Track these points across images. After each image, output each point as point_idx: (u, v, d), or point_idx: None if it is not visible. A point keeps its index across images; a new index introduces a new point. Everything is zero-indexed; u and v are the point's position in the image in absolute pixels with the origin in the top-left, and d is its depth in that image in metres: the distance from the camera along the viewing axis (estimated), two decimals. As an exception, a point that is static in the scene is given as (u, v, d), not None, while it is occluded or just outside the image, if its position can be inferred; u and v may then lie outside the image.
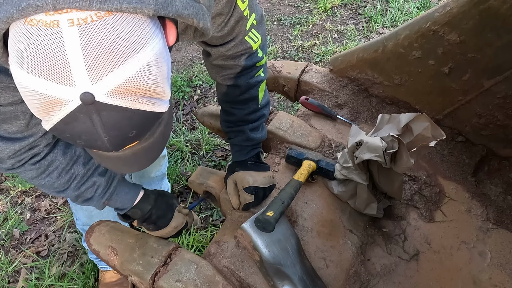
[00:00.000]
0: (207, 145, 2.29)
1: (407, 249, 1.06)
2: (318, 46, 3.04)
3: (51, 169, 0.84)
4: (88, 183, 0.90)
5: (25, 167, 0.81)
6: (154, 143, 0.61)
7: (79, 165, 0.88)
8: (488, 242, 1.07)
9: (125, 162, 0.62)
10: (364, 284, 0.98)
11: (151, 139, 0.59)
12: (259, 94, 1.06)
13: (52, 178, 0.85)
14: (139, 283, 0.91)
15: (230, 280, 0.93)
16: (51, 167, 0.84)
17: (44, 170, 0.83)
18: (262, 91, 1.07)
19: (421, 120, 0.91)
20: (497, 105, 1.12)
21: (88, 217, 1.42)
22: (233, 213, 1.07)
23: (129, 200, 0.96)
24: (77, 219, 1.51)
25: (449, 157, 1.25)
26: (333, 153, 1.22)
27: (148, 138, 0.59)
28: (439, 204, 1.15)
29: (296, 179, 1.05)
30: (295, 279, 0.90)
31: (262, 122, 1.12)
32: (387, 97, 1.34)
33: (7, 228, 1.90)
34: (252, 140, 1.09)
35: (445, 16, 1.01)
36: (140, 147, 0.59)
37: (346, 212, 1.10)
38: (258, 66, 1.02)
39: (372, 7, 3.45)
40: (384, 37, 1.20)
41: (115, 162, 0.62)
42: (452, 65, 1.11)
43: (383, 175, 1.05)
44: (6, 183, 2.13)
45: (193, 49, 3.14)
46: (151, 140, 0.60)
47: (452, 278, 1.00)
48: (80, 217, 1.46)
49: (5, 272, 1.73)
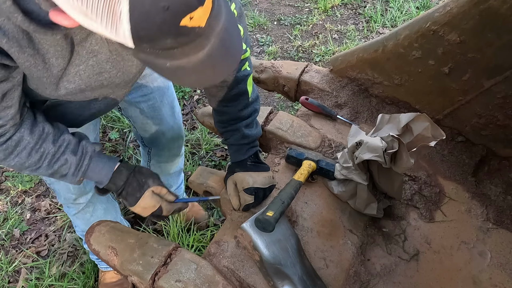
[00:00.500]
0: (207, 145, 2.29)
1: (407, 249, 1.06)
2: (318, 46, 3.04)
3: (19, 149, 0.83)
4: (60, 161, 0.88)
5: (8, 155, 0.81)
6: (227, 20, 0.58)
7: (48, 143, 0.86)
8: (488, 242, 1.07)
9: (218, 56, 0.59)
10: (364, 284, 0.98)
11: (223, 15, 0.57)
12: (248, 88, 1.06)
13: (22, 158, 0.83)
14: (139, 283, 0.91)
15: (230, 280, 0.93)
16: (19, 147, 0.82)
17: (12, 151, 0.82)
18: (251, 85, 1.08)
19: (421, 120, 0.91)
20: (497, 105, 1.12)
21: (86, 224, 1.40)
22: (233, 213, 1.07)
23: (104, 176, 0.95)
24: (75, 226, 1.50)
25: (449, 157, 1.25)
26: (333, 153, 1.22)
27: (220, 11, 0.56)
28: (439, 204, 1.15)
29: (296, 179, 1.05)
30: (295, 279, 0.90)
31: (255, 117, 1.13)
32: (387, 97, 1.34)
33: (7, 228, 1.90)
34: (248, 137, 1.09)
35: (445, 16, 1.01)
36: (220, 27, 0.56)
37: (346, 212, 1.10)
38: (244, 59, 1.03)
39: (372, 7, 3.45)
40: (384, 37, 1.20)
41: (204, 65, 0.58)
42: (452, 65, 1.11)
43: (383, 175, 1.05)
44: (6, 183, 2.13)
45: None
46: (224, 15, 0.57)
47: (452, 278, 1.00)
48: (78, 224, 1.46)
49: (5, 272, 1.73)
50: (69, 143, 0.89)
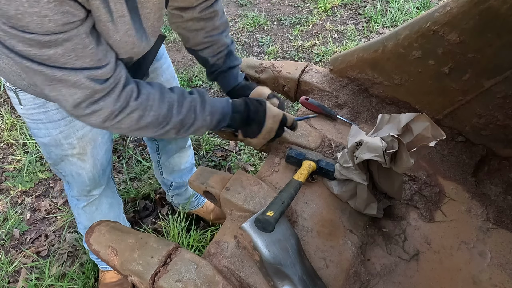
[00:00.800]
0: (207, 145, 2.29)
1: (407, 249, 1.06)
2: (318, 46, 3.04)
3: (150, 102, 0.86)
4: (186, 104, 0.92)
5: (130, 105, 0.83)
6: None
7: (167, 92, 0.91)
8: (488, 242, 1.07)
9: None
10: (364, 284, 0.98)
11: None
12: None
13: (155, 111, 0.87)
14: (139, 283, 0.91)
15: (230, 280, 0.93)
16: (149, 100, 0.86)
17: (146, 106, 0.86)
18: None
19: (421, 120, 0.91)
20: (497, 105, 1.12)
21: (89, 220, 1.45)
22: (233, 213, 1.07)
23: (226, 106, 1.00)
24: (78, 223, 1.53)
25: (449, 157, 1.25)
26: (333, 153, 1.22)
27: None
28: (439, 204, 1.15)
29: (296, 179, 1.05)
30: (295, 279, 0.90)
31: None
32: (387, 97, 1.34)
33: (7, 228, 1.90)
34: (238, 59, 1.21)
35: (445, 16, 1.01)
36: None
37: (346, 212, 1.10)
38: None
39: (372, 7, 3.45)
40: (384, 37, 1.20)
41: None
42: (452, 65, 1.11)
43: (383, 175, 1.05)
44: (6, 183, 2.13)
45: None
46: None
47: (452, 278, 1.00)
48: (82, 221, 1.49)
49: (5, 272, 1.73)
50: (182, 89, 0.95)
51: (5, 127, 2.44)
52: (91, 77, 0.75)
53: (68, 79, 0.73)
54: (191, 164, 1.75)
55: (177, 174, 1.72)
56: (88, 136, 1.17)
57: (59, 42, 0.67)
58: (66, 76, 0.72)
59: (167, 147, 1.60)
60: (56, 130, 1.11)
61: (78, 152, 1.18)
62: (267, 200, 1.04)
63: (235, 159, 2.22)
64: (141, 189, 2.05)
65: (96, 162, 1.25)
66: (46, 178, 2.16)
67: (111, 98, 0.80)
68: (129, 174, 2.13)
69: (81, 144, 1.17)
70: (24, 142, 2.34)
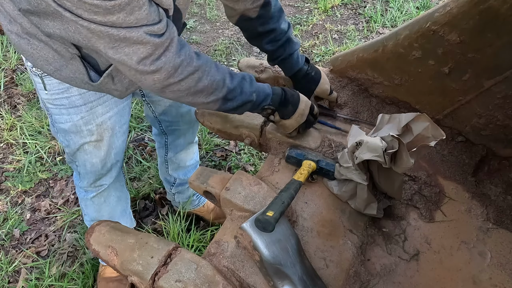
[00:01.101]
0: (207, 145, 2.29)
1: (407, 249, 1.06)
2: (318, 46, 3.04)
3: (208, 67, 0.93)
4: (236, 77, 1.00)
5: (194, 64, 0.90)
6: None
7: (219, 64, 0.98)
8: (488, 242, 1.07)
9: None
10: (364, 284, 0.98)
11: None
12: None
13: (212, 75, 0.94)
14: (139, 283, 0.91)
15: (230, 280, 0.93)
16: (208, 65, 0.93)
17: (205, 68, 0.92)
18: None
19: (421, 120, 0.91)
20: (497, 105, 1.12)
21: (97, 211, 1.50)
22: (233, 213, 1.07)
23: (268, 88, 1.08)
24: (85, 215, 1.57)
25: (449, 157, 1.25)
26: (333, 153, 1.22)
27: None
28: (439, 204, 1.15)
29: (296, 179, 1.05)
30: (295, 279, 0.90)
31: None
32: (387, 97, 1.34)
33: (7, 228, 1.90)
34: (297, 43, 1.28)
35: (445, 16, 1.01)
36: None
37: (346, 212, 1.10)
38: None
39: (372, 7, 3.45)
40: (384, 37, 1.20)
41: None
42: (452, 65, 1.11)
43: (383, 175, 1.05)
44: (6, 183, 2.13)
45: (193, 49, 3.14)
46: None
47: (452, 278, 1.00)
48: (89, 212, 1.53)
49: (5, 272, 1.73)
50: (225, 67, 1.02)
51: (5, 127, 2.44)
52: (149, 32, 0.80)
53: (131, 36, 0.79)
54: (196, 161, 1.77)
55: (182, 171, 1.73)
56: (107, 123, 1.21)
57: (121, 7, 0.73)
58: (128, 34, 0.78)
59: (176, 142, 1.63)
60: (77, 115, 1.15)
61: (96, 139, 1.22)
62: (267, 200, 1.04)
63: (235, 159, 2.22)
64: (141, 189, 2.05)
65: (111, 150, 1.29)
66: (46, 178, 2.16)
67: (171, 53, 0.86)
68: (129, 174, 2.14)
69: (99, 131, 1.21)
70: (24, 142, 2.34)
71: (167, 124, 1.55)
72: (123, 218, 1.61)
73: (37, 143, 2.32)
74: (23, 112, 2.53)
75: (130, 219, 1.67)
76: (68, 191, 2.09)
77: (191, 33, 3.35)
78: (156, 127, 1.59)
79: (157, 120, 1.53)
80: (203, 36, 3.33)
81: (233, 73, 1.01)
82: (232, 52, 3.10)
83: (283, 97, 1.10)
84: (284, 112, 1.12)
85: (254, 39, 1.25)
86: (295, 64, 1.27)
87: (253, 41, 1.27)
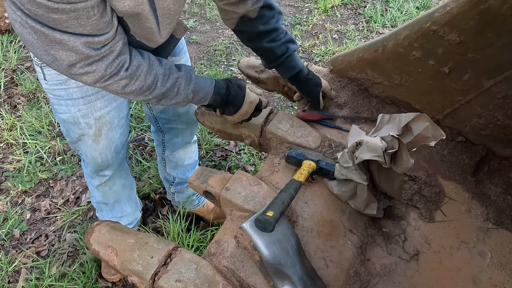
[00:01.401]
0: (207, 145, 2.29)
1: (407, 249, 1.06)
2: (318, 46, 3.05)
3: (138, 72, 0.94)
4: (171, 79, 1.00)
5: (120, 74, 0.91)
6: None
7: (157, 65, 0.98)
8: (488, 242, 1.07)
9: None
10: (364, 284, 0.98)
11: None
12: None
13: (141, 81, 0.95)
14: (139, 283, 0.91)
15: (230, 280, 0.93)
16: (138, 71, 0.94)
17: (134, 75, 0.93)
18: None
19: (421, 120, 0.91)
20: (497, 105, 1.12)
21: (103, 197, 1.55)
22: (233, 213, 1.07)
23: (209, 87, 1.08)
24: (92, 197, 1.62)
25: (449, 157, 1.25)
26: (333, 153, 1.22)
27: None
28: (439, 204, 1.15)
29: (296, 179, 1.05)
30: (295, 279, 0.90)
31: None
32: (387, 97, 1.34)
33: (7, 228, 1.90)
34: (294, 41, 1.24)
35: (445, 16, 1.01)
36: None
37: (346, 212, 1.10)
38: None
39: (372, 7, 3.45)
40: (384, 37, 1.20)
41: None
42: (452, 65, 1.11)
43: (383, 175, 1.05)
44: (6, 183, 2.13)
45: (193, 49, 3.14)
46: None
47: (452, 278, 1.00)
48: (95, 196, 1.57)
49: (5, 272, 1.73)
50: (171, 64, 1.01)
51: (5, 127, 2.44)
52: (88, 43, 0.81)
53: (67, 43, 0.80)
54: (194, 160, 1.77)
55: (180, 170, 1.73)
56: (105, 118, 1.22)
57: (66, 11, 0.74)
58: (65, 40, 0.79)
59: (173, 140, 1.63)
60: (75, 108, 1.16)
61: (94, 133, 1.23)
62: (267, 200, 1.04)
63: (235, 159, 2.22)
64: (141, 189, 2.05)
65: (110, 144, 1.29)
66: (46, 178, 2.16)
67: (104, 64, 0.87)
68: (129, 174, 2.14)
69: (97, 125, 1.21)
70: (24, 142, 2.34)
71: (163, 122, 1.55)
72: (129, 203, 1.63)
73: (37, 143, 2.32)
74: (23, 112, 2.53)
75: (135, 203, 1.69)
76: (68, 191, 2.09)
77: (191, 33, 3.35)
78: (153, 125, 1.61)
79: (154, 117, 1.54)
80: (203, 36, 3.33)
81: (170, 75, 1.00)
82: (232, 52, 3.10)
83: (225, 97, 1.10)
84: (225, 110, 1.14)
85: (253, 39, 1.24)
86: (298, 63, 1.25)
87: (252, 42, 1.26)
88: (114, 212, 1.61)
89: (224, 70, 2.83)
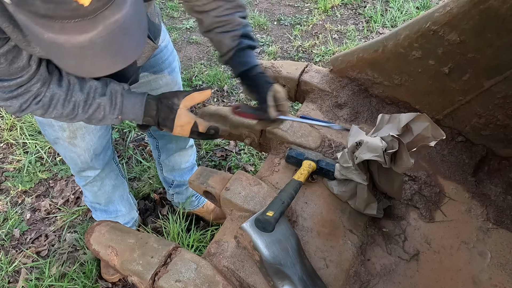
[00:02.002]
0: (207, 145, 2.29)
1: (407, 249, 1.06)
2: (318, 46, 3.04)
3: (54, 102, 0.92)
4: (93, 105, 0.96)
5: (32, 107, 0.91)
6: (128, 19, 0.60)
7: (77, 92, 0.94)
8: (488, 242, 1.07)
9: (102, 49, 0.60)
10: (364, 284, 0.98)
11: (124, 10, 0.59)
12: None
13: (58, 110, 0.93)
14: (139, 283, 0.91)
15: (230, 280, 0.93)
16: (53, 101, 0.92)
17: (49, 106, 0.92)
18: None
19: (421, 120, 0.91)
20: (497, 105, 1.12)
21: (94, 197, 1.53)
22: (233, 213, 1.07)
23: (139, 109, 1.01)
24: (85, 196, 1.61)
25: (449, 157, 1.25)
26: (333, 153, 1.22)
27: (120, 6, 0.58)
28: (439, 204, 1.15)
29: (296, 179, 1.05)
30: (295, 279, 0.90)
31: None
32: (387, 97, 1.34)
33: (7, 228, 1.90)
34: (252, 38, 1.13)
35: (445, 16, 1.01)
36: (114, 20, 0.58)
37: (346, 212, 1.10)
38: None
39: (372, 7, 3.45)
40: (384, 37, 1.20)
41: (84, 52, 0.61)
42: (452, 65, 1.11)
43: (383, 175, 1.05)
44: (6, 183, 2.13)
45: (193, 49, 3.14)
46: (124, 12, 0.59)
47: (452, 278, 1.00)
48: (87, 195, 1.56)
49: (5, 272, 1.73)
50: (96, 87, 0.96)
51: (5, 127, 2.44)
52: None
53: None
54: (192, 163, 1.76)
55: (178, 173, 1.73)
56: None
57: None
58: None
59: (167, 146, 1.62)
60: None
61: (69, 136, 1.22)
62: (267, 200, 1.04)
63: (235, 159, 2.22)
64: (141, 189, 2.05)
65: (88, 147, 1.28)
66: (46, 178, 2.16)
67: (19, 102, 0.88)
68: (129, 174, 2.13)
69: (71, 128, 1.20)
70: (24, 142, 2.34)
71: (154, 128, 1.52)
72: (122, 203, 1.62)
73: (37, 143, 2.32)
74: (23, 112, 2.53)
75: (129, 203, 1.68)
76: (68, 191, 2.09)
77: (191, 33, 3.35)
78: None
79: None
80: (203, 36, 3.34)
81: (92, 101, 0.96)
82: (232, 52, 3.09)
83: (156, 120, 1.05)
84: (163, 129, 1.08)
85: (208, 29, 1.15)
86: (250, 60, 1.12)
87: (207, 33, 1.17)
88: (108, 212, 1.62)
89: (224, 70, 2.82)
